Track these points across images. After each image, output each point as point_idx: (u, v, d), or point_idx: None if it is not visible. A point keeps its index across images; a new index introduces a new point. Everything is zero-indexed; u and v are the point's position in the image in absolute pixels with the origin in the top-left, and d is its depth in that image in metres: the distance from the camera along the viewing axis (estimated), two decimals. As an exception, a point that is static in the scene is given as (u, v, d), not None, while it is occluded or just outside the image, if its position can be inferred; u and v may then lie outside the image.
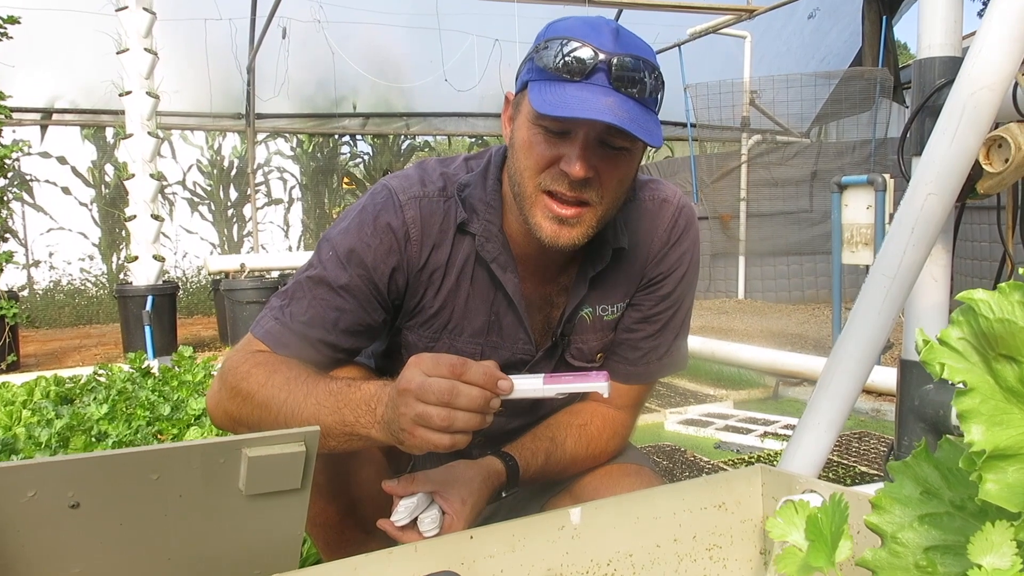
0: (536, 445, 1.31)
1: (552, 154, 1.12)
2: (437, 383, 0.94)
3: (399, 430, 0.98)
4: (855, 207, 4.39)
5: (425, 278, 1.26)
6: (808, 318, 6.60)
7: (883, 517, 0.50)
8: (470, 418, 0.95)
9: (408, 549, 1.03)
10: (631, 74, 1.08)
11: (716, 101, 8.01)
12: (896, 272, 1.28)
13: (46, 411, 3.18)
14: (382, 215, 1.23)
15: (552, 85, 1.09)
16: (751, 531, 1.25)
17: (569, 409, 1.39)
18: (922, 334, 0.47)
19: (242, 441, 0.91)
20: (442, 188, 1.27)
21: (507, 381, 0.97)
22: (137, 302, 5.86)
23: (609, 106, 1.06)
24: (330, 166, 10.66)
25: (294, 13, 8.07)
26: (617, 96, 1.08)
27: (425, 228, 1.24)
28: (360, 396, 1.06)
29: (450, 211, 1.26)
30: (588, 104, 1.06)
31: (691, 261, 1.36)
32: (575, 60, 1.08)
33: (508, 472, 1.26)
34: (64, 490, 0.85)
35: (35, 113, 8.75)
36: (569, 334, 1.34)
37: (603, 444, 1.37)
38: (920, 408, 1.48)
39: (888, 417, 3.52)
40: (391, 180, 1.28)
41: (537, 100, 1.08)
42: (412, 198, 1.24)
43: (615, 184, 1.15)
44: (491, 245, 1.25)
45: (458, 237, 1.26)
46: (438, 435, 0.95)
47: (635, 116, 1.07)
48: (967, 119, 1.20)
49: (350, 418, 1.05)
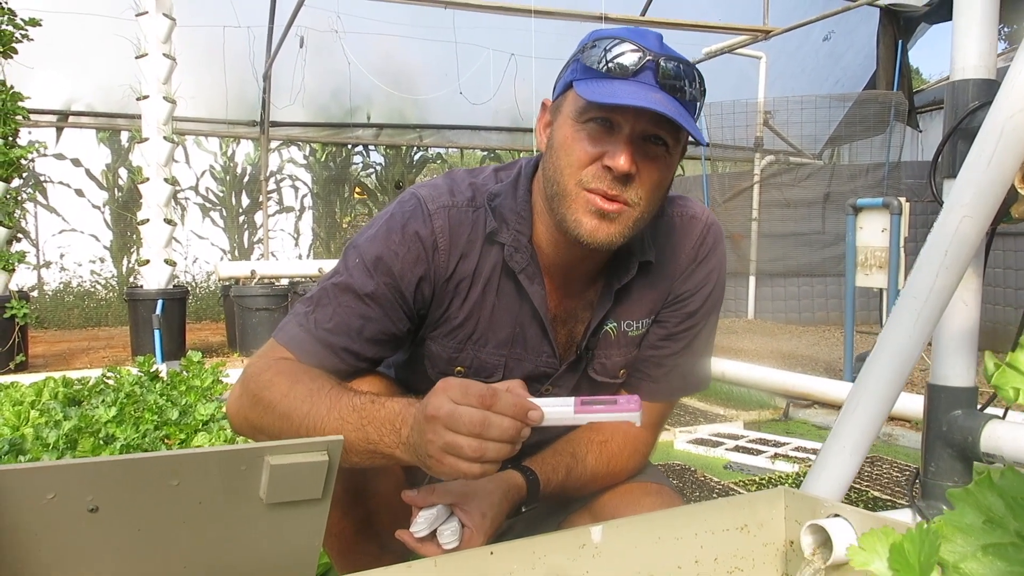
0: (557, 460, 1.29)
1: (595, 151, 1.11)
2: (468, 413, 0.92)
3: (426, 456, 0.96)
4: (870, 230, 4.37)
5: (452, 288, 1.25)
6: (818, 340, 6.57)
7: (945, 546, 0.48)
8: (500, 448, 0.93)
9: (428, 564, 1.01)
10: (678, 75, 1.10)
11: (730, 121, 8.01)
12: (928, 295, 1.25)
13: (54, 412, 3.17)
14: (411, 223, 1.22)
15: (600, 82, 1.10)
16: (773, 554, 1.23)
17: (590, 425, 1.36)
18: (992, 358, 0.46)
19: (265, 448, 0.90)
20: (471, 198, 1.26)
21: (537, 411, 0.95)
22: (147, 306, 5.86)
23: (659, 100, 1.07)
24: (342, 175, 10.69)
25: (312, 23, 8.12)
26: (663, 94, 1.09)
27: (453, 238, 1.23)
28: (384, 415, 1.04)
29: (479, 221, 1.25)
30: (638, 95, 1.07)
31: (718, 280, 1.35)
32: (624, 58, 1.10)
33: (528, 487, 1.24)
34: (84, 493, 0.83)
35: (51, 115, 8.79)
36: (593, 348, 1.33)
37: (624, 462, 1.36)
38: (948, 434, 1.45)
39: (900, 442, 3.49)
40: (420, 189, 1.27)
41: (586, 91, 1.09)
42: (441, 207, 1.23)
43: (654, 186, 1.14)
44: (520, 256, 1.24)
45: (486, 247, 1.25)
46: (468, 464, 0.93)
47: (681, 113, 1.09)
48: (1005, 142, 1.19)
49: (374, 436, 1.04)
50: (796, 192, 7.71)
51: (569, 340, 1.33)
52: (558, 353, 1.31)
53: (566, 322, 1.31)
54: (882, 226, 4.28)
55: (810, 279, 7.77)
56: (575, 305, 1.31)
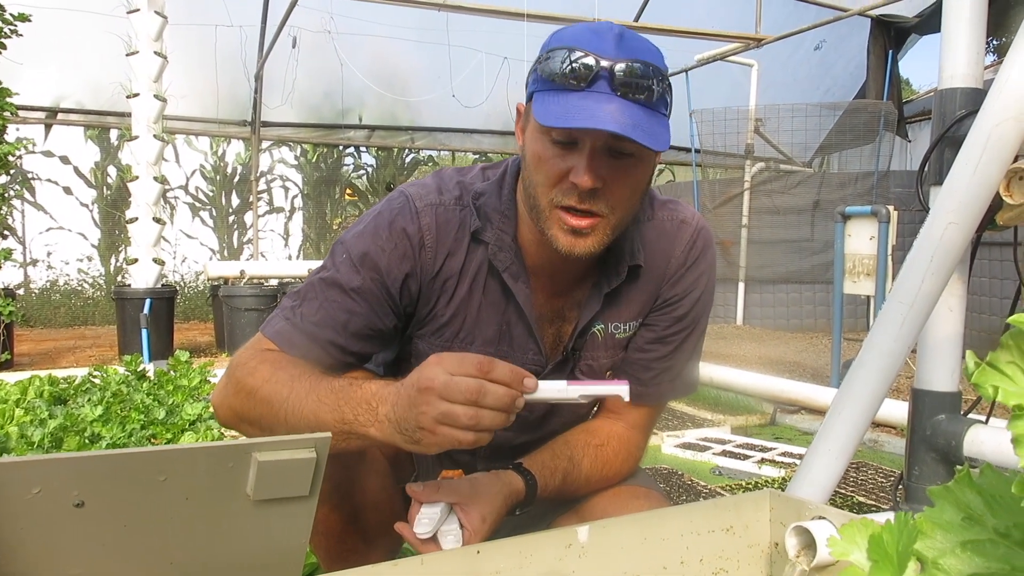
0: (555, 464, 1.29)
1: (562, 168, 1.11)
2: (464, 382, 0.94)
3: (416, 428, 0.97)
4: (858, 237, 4.40)
5: (438, 286, 1.26)
6: (806, 346, 6.60)
7: (924, 542, 0.49)
8: (496, 416, 0.95)
9: (414, 562, 1.01)
10: (634, 79, 1.08)
11: (721, 127, 8.05)
12: (913, 300, 1.27)
13: (39, 411, 3.15)
14: (398, 220, 1.23)
15: (555, 95, 1.09)
16: (758, 556, 1.24)
17: (586, 428, 1.38)
18: (973, 357, 0.47)
19: (252, 445, 0.89)
20: (458, 197, 1.27)
21: (532, 379, 0.98)
22: (135, 305, 5.83)
23: (611, 112, 1.05)
24: (333, 177, 10.67)
25: (305, 23, 8.11)
26: (620, 102, 1.07)
27: (440, 235, 1.24)
28: (361, 395, 1.04)
29: (465, 219, 1.26)
30: (589, 113, 1.05)
31: (707, 284, 1.35)
32: (577, 69, 1.08)
33: (527, 491, 1.24)
34: (70, 488, 0.83)
35: (40, 112, 8.74)
36: (580, 349, 1.33)
37: (618, 466, 1.36)
38: (932, 438, 1.47)
39: (886, 448, 3.51)
40: (408, 187, 1.28)
41: (540, 112, 1.08)
42: (428, 205, 1.24)
43: (627, 192, 1.14)
44: (503, 255, 1.25)
45: (472, 245, 1.26)
46: (463, 432, 0.95)
47: (639, 121, 1.07)
48: (991, 149, 1.20)
49: (349, 416, 1.04)
50: (786, 199, 7.75)
51: (556, 339, 1.33)
52: (545, 352, 1.31)
53: (553, 321, 1.32)
54: (870, 234, 4.30)
55: (799, 286, 7.80)
56: (563, 304, 1.31)
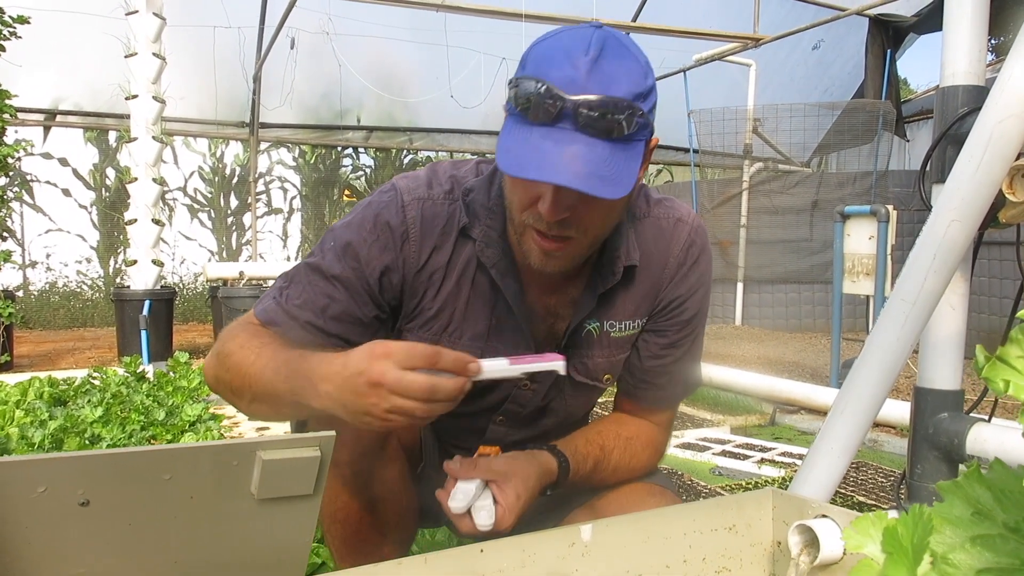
0: (587, 451, 1.32)
1: (532, 194, 1.11)
2: (416, 382, 0.96)
3: (363, 414, 0.99)
4: (857, 237, 4.40)
5: (425, 279, 1.27)
6: (805, 346, 6.60)
7: (934, 537, 0.49)
8: (447, 406, 0.99)
9: (417, 561, 1.01)
10: (602, 117, 1.03)
11: (719, 127, 8.05)
12: (916, 298, 1.27)
13: (40, 412, 3.15)
14: (383, 213, 1.25)
15: (520, 128, 1.07)
16: (761, 554, 1.24)
17: (617, 419, 1.42)
18: (983, 351, 0.47)
19: (257, 444, 0.90)
20: (448, 191, 1.28)
21: (476, 364, 1.01)
22: (134, 306, 5.83)
23: (570, 159, 1.01)
24: (332, 178, 10.66)
25: (303, 24, 8.10)
26: (584, 141, 1.03)
27: (426, 229, 1.25)
28: (305, 368, 1.06)
29: (454, 214, 1.26)
30: (546, 160, 1.02)
31: (707, 281, 1.37)
32: (541, 103, 1.03)
33: (559, 472, 1.27)
34: (75, 487, 0.83)
35: (39, 114, 8.73)
36: (573, 347, 1.34)
37: (644, 460, 1.40)
38: (934, 436, 1.47)
39: (886, 448, 3.51)
40: (399, 180, 1.30)
41: (502, 150, 1.06)
42: (416, 199, 1.26)
43: (598, 217, 1.13)
44: (491, 251, 1.25)
45: (461, 240, 1.27)
46: (415, 420, 0.99)
47: (600, 163, 1.03)
48: (993, 147, 1.20)
49: (298, 388, 1.06)
50: (784, 199, 7.75)
51: (549, 335, 1.33)
52: (536, 349, 1.32)
53: (545, 318, 1.32)
54: (869, 233, 4.31)
55: (798, 286, 7.80)
56: (556, 302, 1.31)
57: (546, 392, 1.38)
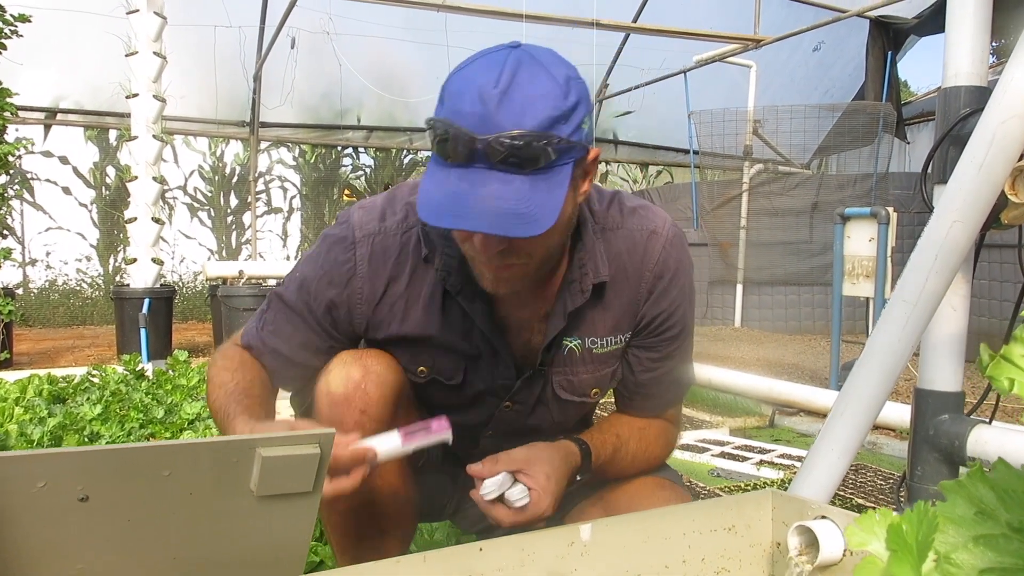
0: (604, 439, 1.34)
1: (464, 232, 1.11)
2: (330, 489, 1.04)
3: None
4: (857, 239, 4.39)
5: (386, 310, 1.28)
6: (805, 348, 6.60)
7: (937, 537, 0.49)
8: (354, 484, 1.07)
9: (416, 559, 1.01)
10: (514, 153, 0.99)
11: (719, 129, 8.04)
12: (917, 299, 1.27)
13: (39, 409, 3.14)
14: (333, 249, 1.28)
15: (438, 172, 1.05)
16: (760, 555, 1.24)
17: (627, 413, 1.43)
18: (987, 350, 0.46)
19: (256, 441, 0.89)
20: (403, 219, 1.27)
21: (371, 451, 1.08)
22: (134, 304, 5.82)
23: (486, 199, 0.99)
24: (331, 177, 10.66)
25: (303, 23, 8.10)
26: (500, 179, 1.00)
27: (376, 265, 1.26)
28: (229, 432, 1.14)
29: (408, 243, 1.26)
30: (461, 204, 1.00)
31: (690, 290, 1.35)
32: (454, 146, 1.01)
33: (582, 456, 1.28)
34: (74, 483, 0.83)
35: (39, 112, 8.73)
36: (549, 365, 1.33)
37: (657, 451, 1.42)
38: (934, 438, 1.47)
39: (885, 451, 3.51)
40: (355, 212, 1.30)
41: (421, 198, 1.04)
42: (367, 235, 1.26)
43: (538, 243, 1.11)
44: (453, 278, 1.24)
45: (423, 266, 1.27)
46: None
47: (518, 199, 1.00)
48: (995, 148, 1.20)
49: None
50: (784, 201, 7.74)
51: (527, 351, 1.33)
52: (514, 365, 1.32)
53: (521, 333, 1.32)
54: (869, 235, 4.30)
55: (797, 288, 7.80)
56: (529, 316, 1.30)
57: (531, 411, 1.39)
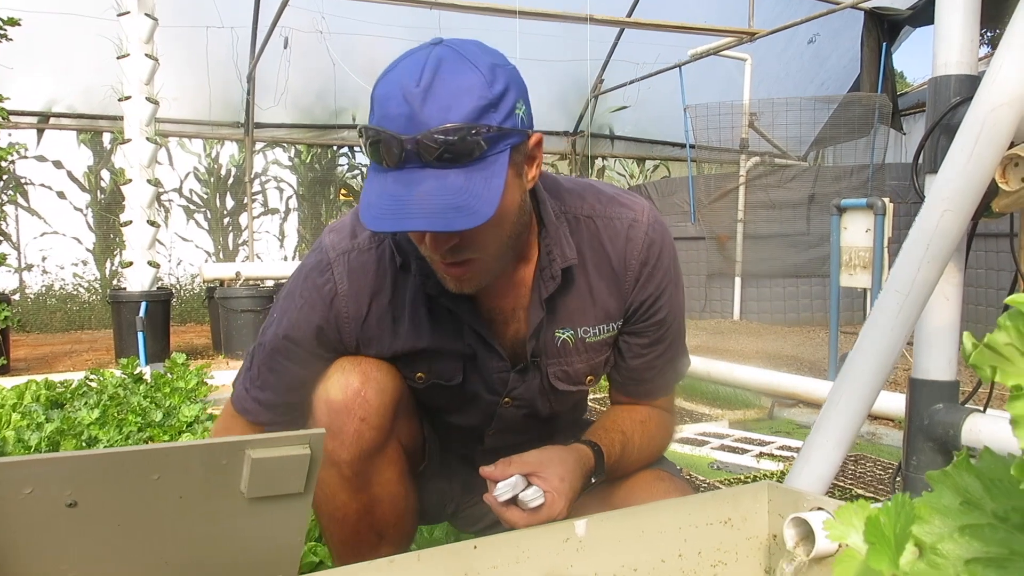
0: (611, 437, 1.33)
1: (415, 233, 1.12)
2: None
3: None
4: (854, 230, 4.39)
5: (374, 325, 1.28)
6: (803, 340, 6.60)
7: (922, 527, 0.49)
8: None
9: (411, 558, 1.01)
10: (444, 149, 1.00)
11: (715, 122, 8.04)
12: (909, 289, 1.26)
13: (36, 415, 3.13)
14: (311, 275, 1.28)
15: (377, 178, 1.06)
16: (756, 548, 1.24)
17: (622, 408, 1.44)
18: (970, 338, 0.46)
19: (246, 442, 0.89)
20: (373, 233, 1.27)
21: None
22: (131, 308, 5.81)
23: (422, 197, 1.01)
24: (328, 177, 10.64)
25: (296, 23, 8.09)
26: (434, 175, 1.02)
27: (355, 282, 1.26)
28: None
29: (383, 256, 1.26)
30: (399, 206, 1.01)
31: (675, 276, 1.35)
32: (386, 151, 1.02)
33: (595, 456, 1.28)
34: (63, 488, 0.82)
35: (32, 116, 8.70)
36: (541, 355, 1.34)
37: (659, 442, 1.43)
38: (929, 427, 1.46)
39: (884, 441, 3.51)
40: (327, 235, 1.31)
41: (363, 204, 1.05)
42: (341, 254, 1.26)
43: (489, 235, 1.11)
44: (431, 281, 1.24)
45: (402, 276, 1.27)
46: None
47: (454, 193, 1.01)
48: (985, 136, 1.20)
49: None
50: (781, 193, 7.74)
51: (516, 342, 1.33)
52: (507, 357, 1.32)
53: (508, 324, 1.32)
54: (866, 226, 4.30)
55: (795, 280, 7.80)
56: (513, 306, 1.31)
57: (530, 405, 1.39)
